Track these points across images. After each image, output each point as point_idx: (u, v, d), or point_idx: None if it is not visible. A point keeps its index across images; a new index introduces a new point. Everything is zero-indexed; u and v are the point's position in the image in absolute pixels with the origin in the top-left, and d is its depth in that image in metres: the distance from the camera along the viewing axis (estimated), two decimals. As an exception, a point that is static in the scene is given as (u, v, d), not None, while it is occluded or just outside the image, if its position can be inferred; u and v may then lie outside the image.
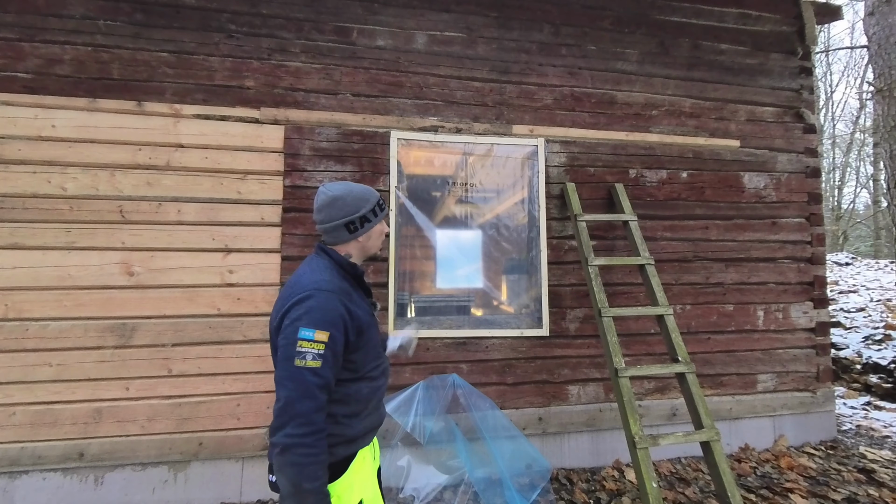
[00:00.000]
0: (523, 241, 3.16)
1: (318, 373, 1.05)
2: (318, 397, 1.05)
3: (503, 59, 3.07)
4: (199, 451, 2.51)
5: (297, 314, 1.08)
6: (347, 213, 1.23)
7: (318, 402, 1.04)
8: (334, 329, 1.09)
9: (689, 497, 2.56)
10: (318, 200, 1.24)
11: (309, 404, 1.03)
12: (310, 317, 1.07)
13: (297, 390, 1.03)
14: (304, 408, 1.02)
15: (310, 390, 1.04)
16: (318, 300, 1.09)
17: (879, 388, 4.40)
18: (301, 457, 1.00)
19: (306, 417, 1.02)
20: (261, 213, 2.69)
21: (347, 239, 1.25)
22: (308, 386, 1.04)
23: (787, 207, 3.37)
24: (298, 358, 1.04)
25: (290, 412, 1.02)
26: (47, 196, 2.49)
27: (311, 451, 1.01)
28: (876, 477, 2.75)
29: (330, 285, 1.14)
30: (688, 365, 2.43)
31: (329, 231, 1.24)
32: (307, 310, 1.08)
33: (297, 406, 1.02)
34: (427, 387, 2.64)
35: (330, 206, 1.22)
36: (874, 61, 5.15)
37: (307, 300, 1.09)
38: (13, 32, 2.55)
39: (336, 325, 1.10)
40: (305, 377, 1.04)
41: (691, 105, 3.31)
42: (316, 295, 1.10)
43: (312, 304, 1.09)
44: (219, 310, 2.60)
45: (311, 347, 1.05)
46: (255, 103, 2.75)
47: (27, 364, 2.40)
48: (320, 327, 1.07)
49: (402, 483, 2.53)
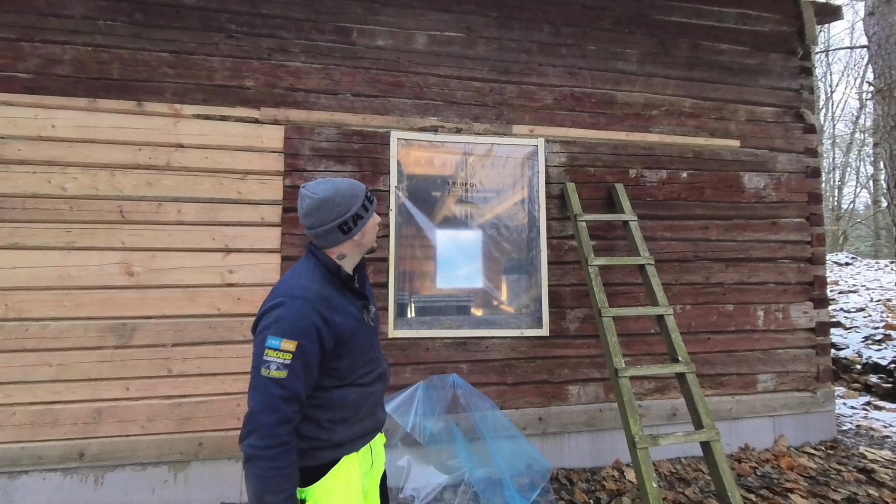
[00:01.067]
0: (523, 241, 3.16)
1: (282, 384, 1.01)
2: (282, 409, 1.01)
3: (503, 59, 3.07)
4: (199, 451, 2.51)
5: (267, 322, 1.06)
6: (339, 214, 1.16)
7: (280, 414, 1.01)
8: (304, 338, 1.04)
9: (689, 497, 2.56)
10: (303, 205, 1.16)
11: (270, 417, 1.00)
12: (278, 325, 1.04)
13: (261, 402, 1.01)
14: (266, 420, 1.00)
15: (272, 402, 1.01)
16: (288, 308, 1.06)
17: (879, 388, 4.40)
18: (262, 469, 0.98)
19: (268, 430, 0.99)
20: (261, 213, 2.69)
21: (342, 240, 1.19)
22: (271, 398, 1.01)
23: (787, 207, 3.37)
24: (264, 367, 1.02)
25: (253, 423, 1.00)
26: (47, 196, 2.49)
27: (272, 464, 0.99)
28: (876, 477, 2.75)
29: (304, 292, 1.09)
30: (688, 365, 2.43)
31: (321, 235, 1.17)
32: (276, 318, 1.05)
33: (259, 417, 1.00)
34: (427, 387, 2.64)
35: (319, 210, 1.15)
36: (874, 61, 5.15)
37: (277, 308, 1.06)
38: (13, 32, 2.55)
39: (306, 335, 1.05)
40: (269, 388, 1.01)
41: (691, 105, 3.31)
42: (287, 303, 1.07)
43: (282, 313, 1.05)
44: (219, 310, 2.60)
45: (277, 357, 1.02)
46: (255, 103, 2.75)
47: (27, 364, 2.40)
48: (288, 336, 1.03)
49: (402, 483, 2.53)
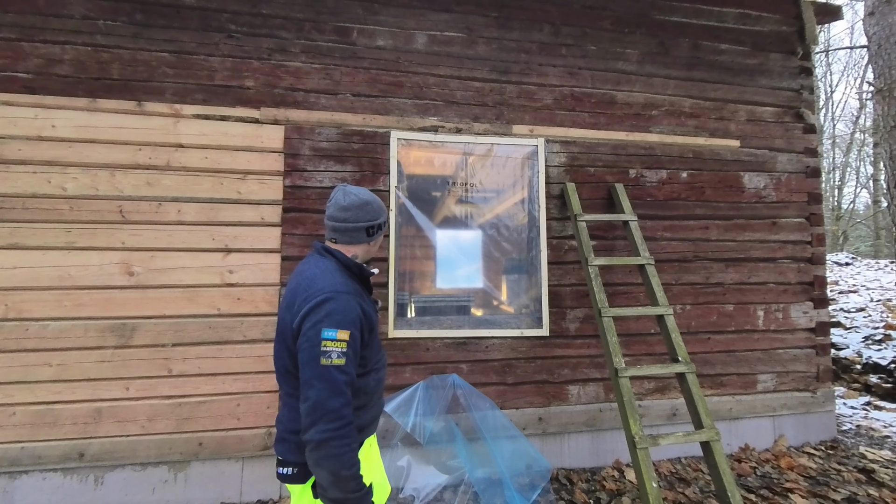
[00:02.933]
0: (523, 241, 3.16)
1: (343, 370, 1.11)
2: (346, 393, 1.11)
3: (503, 59, 3.07)
4: (199, 451, 2.51)
5: (319, 316, 1.13)
6: (372, 218, 1.32)
7: (346, 397, 1.11)
8: (354, 328, 1.16)
9: (689, 497, 2.56)
10: (345, 199, 1.29)
11: (339, 400, 1.09)
12: (331, 318, 1.13)
13: (326, 388, 1.09)
14: (334, 404, 1.08)
15: (338, 387, 1.10)
16: (338, 302, 1.16)
17: (879, 388, 4.39)
18: (337, 448, 1.06)
19: (337, 413, 1.08)
20: (261, 213, 2.69)
21: (362, 241, 1.33)
22: (336, 383, 1.10)
23: (787, 207, 3.37)
24: (324, 357, 1.10)
25: (320, 410, 1.08)
26: (47, 196, 2.49)
27: (343, 441, 1.07)
28: (876, 477, 2.75)
29: (346, 287, 1.21)
30: (688, 365, 2.43)
31: (347, 231, 1.30)
32: (328, 312, 1.14)
33: (327, 403, 1.08)
34: (427, 387, 2.64)
35: (359, 209, 1.30)
36: (874, 61, 5.15)
37: (327, 303, 1.15)
38: (13, 32, 2.55)
39: (355, 325, 1.17)
40: (333, 375, 1.10)
41: (691, 105, 3.31)
42: (336, 297, 1.16)
43: (333, 307, 1.15)
44: (219, 310, 2.60)
45: (335, 346, 1.11)
46: (255, 103, 2.75)
47: (27, 364, 2.40)
48: (342, 327, 1.13)
49: (402, 483, 2.53)
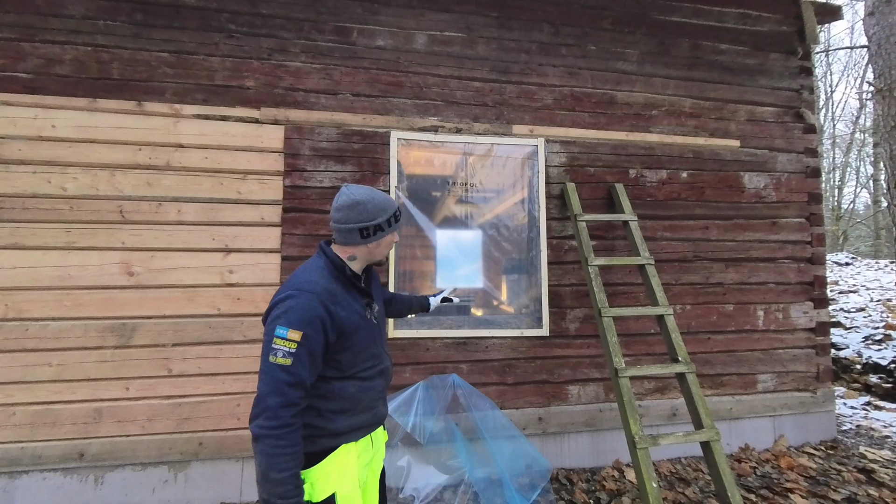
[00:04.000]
0: (523, 241, 3.16)
1: (287, 370, 1.09)
2: (286, 393, 1.08)
3: (503, 59, 3.07)
4: (199, 451, 2.51)
5: (277, 313, 1.14)
6: (364, 220, 1.27)
7: (286, 397, 1.08)
8: (310, 329, 1.13)
9: (689, 497, 2.56)
10: (339, 200, 1.28)
11: (277, 399, 1.07)
12: (286, 316, 1.12)
13: (268, 385, 1.09)
14: (272, 402, 1.07)
15: (278, 386, 1.08)
16: (297, 300, 1.14)
17: (879, 388, 4.40)
18: (269, 447, 1.05)
19: (273, 412, 1.06)
20: (261, 213, 2.69)
21: (358, 242, 1.29)
22: (277, 382, 1.08)
23: (787, 207, 3.37)
24: (272, 354, 1.10)
25: (261, 405, 1.08)
26: (47, 196, 2.49)
27: (277, 443, 1.06)
28: (876, 477, 2.75)
29: (312, 286, 1.18)
30: (688, 365, 2.43)
31: (341, 231, 1.29)
32: (286, 309, 1.13)
33: (267, 400, 1.07)
34: (427, 387, 2.64)
35: (350, 209, 1.26)
36: (874, 61, 5.15)
37: (288, 300, 1.15)
38: (13, 32, 2.55)
39: (312, 325, 1.13)
40: (276, 373, 1.09)
41: (691, 105, 3.31)
42: (296, 295, 1.15)
43: (291, 304, 1.14)
44: (219, 310, 2.60)
45: (283, 345, 1.10)
46: (255, 103, 2.75)
47: (27, 364, 2.40)
48: (294, 326, 1.11)
49: (402, 483, 2.53)
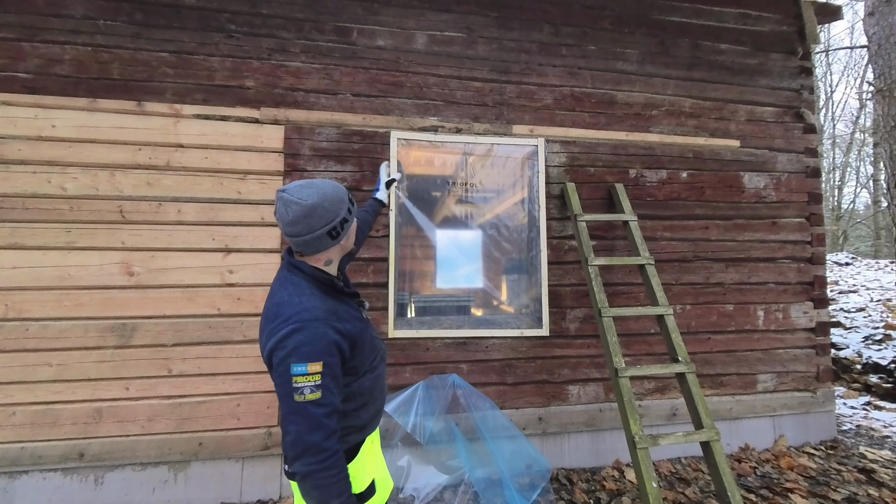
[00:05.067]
0: (523, 241, 3.15)
1: (320, 403, 1.03)
2: (327, 425, 1.04)
3: (503, 59, 3.07)
4: (199, 451, 2.51)
5: (287, 351, 1.04)
6: (328, 220, 1.14)
7: (327, 429, 1.03)
8: (327, 356, 1.06)
9: (689, 497, 2.56)
10: (289, 212, 1.11)
11: (319, 434, 1.02)
12: (299, 353, 1.03)
13: (304, 424, 1.02)
14: (315, 438, 1.02)
15: (316, 421, 1.03)
16: (305, 333, 1.05)
17: (879, 388, 4.39)
18: (322, 480, 1.02)
19: (319, 446, 1.02)
20: (261, 213, 2.69)
21: (330, 245, 1.18)
22: (313, 417, 1.03)
23: (787, 207, 3.37)
24: (297, 394, 1.02)
25: (301, 445, 1.02)
26: (47, 196, 2.49)
27: (329, 472, 1.03)
28: (876, 477, 2.75)
29: (315, 313, 1.09)
30: (688, 365, 2.43)
31: (309, 242, 1.15)
32: (296, 345, 1.04)
33: (307, 438, 1.02)
34: (427, 387, 2.64)
35: (309, 217, 1.12)
36: (874, 61, 5.15)
37: (294, 335, 1.05)
38: (13, 32, 2.55)
39: (329, 353, 1.07)
40: (309, 410, 1.03)
41: (691, 105, 3.31)
42: (303, 328, 1.06)
43: (300, 339, 1.04)
44: (219, 310, 2.60)
45: (307, 381, 1.03)
46: (255, 103, 2.75)
47: (27, 364, 2.40)
48: (312, 360, 1.04)
49: (402, 483, 2.53)
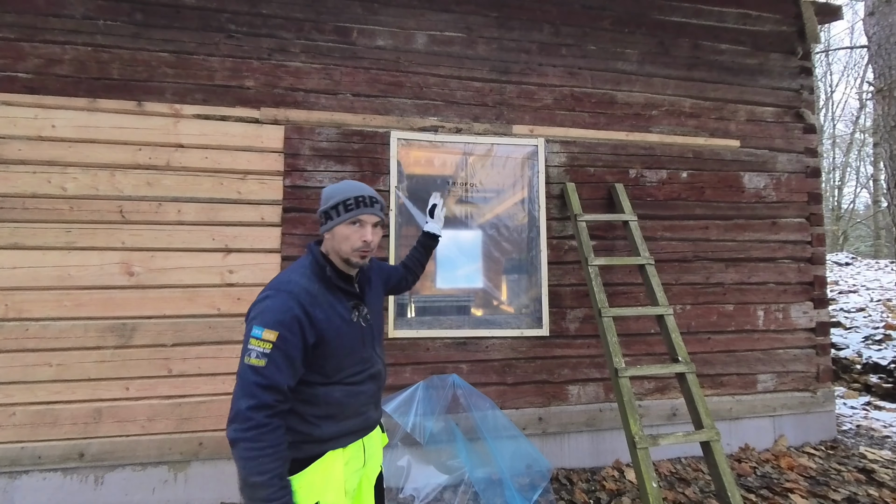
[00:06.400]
0: (523, 241, 3.15)
1: (259, 371, 1.05)
2: (258, 395, 1.04)
3: (503, 59, 3.07)
4: (199, 451, 2.51)
5: (255, 313, 1.11)
6: (325, 202, 1.25)
7: (256, 399, 1.03)
8: (285, 330, 1.08)
9: (689, 497, 2.56)
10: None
11: (248, 401, 1.03)
12: (262, 316, 1.08)
13: (240, 387, 1.05)
14: (243, 404, 1.03)
15: (249, 388, 1.04)
16: (273, 301, 1.11)
17: (879, 388, 4.40)
18: (244, 451, 1.01)
19: (245, 414, 1.02)
20: (261, 213, 2.69)
21: (328, 228, 1.24)
22: (248, 383, 1.04)
23: (787, 207, 3.37)
24: (246, 355, 1.06)
25: (234, 408, 1.04)
26: (47, 196, 2.49)
27: (252, 444, 1.01)
28: (876, 477, 2.75)
29: (291, 286, 1.14)
30: (688, 365, 2.43)
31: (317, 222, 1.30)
32: (262, 309, 1.10)
33: (238, 402, 1.04)
34: (427, 387, 2.64)
35: (322, 201, 1.26)
36: (874, 61, 5.15)
37: (265, 300, 1.12)
38: (13, 32, 2.55)
39: (288, 327, 1.08)
40: (247, 375, 1.05)
41: (691, 105, 3.31)
42: (273, 296, 1.12)
43: (268, 304, 1.10)
44: (219, 310, 2.60)
45: (258, 345, 1.06)
46: (255, 103, 2.75)
47: (27, 364, 2.40)
48: (270, 326, 1.07)
49: (402, 483, 2.53)
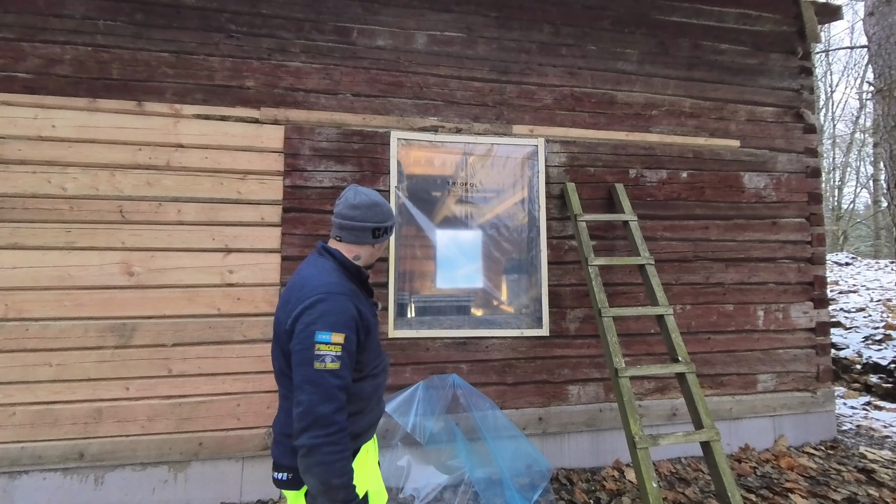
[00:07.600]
0: (523, 241, 3.15)
1: (337, 374, 1.08)
2: (339, 398, 1.07)
3: (503, 59, 3.07)
4: (199, 451, 2.51)
5: (311, 318, 1.10)
6: (380, 220, 1.29)
7: (339, 402, 1.07)
8: (348, 330, 1.12)
9: (689, 497, 2.56)
10: (356, 198, 1.28)
11: (331, 405, 1.06)
12: (324, 320, 1.09)
13: (318, 393, 1.06)
14: (326, 409, 1.05)
15: (330, 392, 1.06)
16: (330, 303, 1.12)
17: (879, 388, 4.39)
18: (328, 455, 1.03)
19: (329, 419, 1.05)
20: (261, 213, 2.69)
21: (367, 242, 1.30)
22: (329, 388, 1.06)
23: (787, 207, 3.37)
24: (318, 361, 1.07)
25: (312, 415, 1.05)
26: (47, 196, 2.49)
27: (335, 448, 1.04)
28: (876, 477, 2.75)
29: (340, 287, 1.17)
30: (688, 365, 2.43)
31: (353, 229, 1.27)
32: (321, 313, 1.10)
33: (319, 408, 1.05)
34: (427, 387, 2.64)
35: (369, 209, 1.28)
36: (874, 61, 5.15)
37: (320, 303, 1.11)
38: (13, 32, 2.55)
39: (349, 327, 1.12)
40: (326, 380, 1.07)
41: (691, 105, 3.31)
42: (328, 298, 1.13)
43: (326, 308, 1.11)
44: (219, 310, 2.60)
45: (329, 350, 1.07)
46: (255, 103, 2.75)
47: (27, 364, 2.40)
48: (336, 329, 1.09)
49: (402, 483, 2.53)
